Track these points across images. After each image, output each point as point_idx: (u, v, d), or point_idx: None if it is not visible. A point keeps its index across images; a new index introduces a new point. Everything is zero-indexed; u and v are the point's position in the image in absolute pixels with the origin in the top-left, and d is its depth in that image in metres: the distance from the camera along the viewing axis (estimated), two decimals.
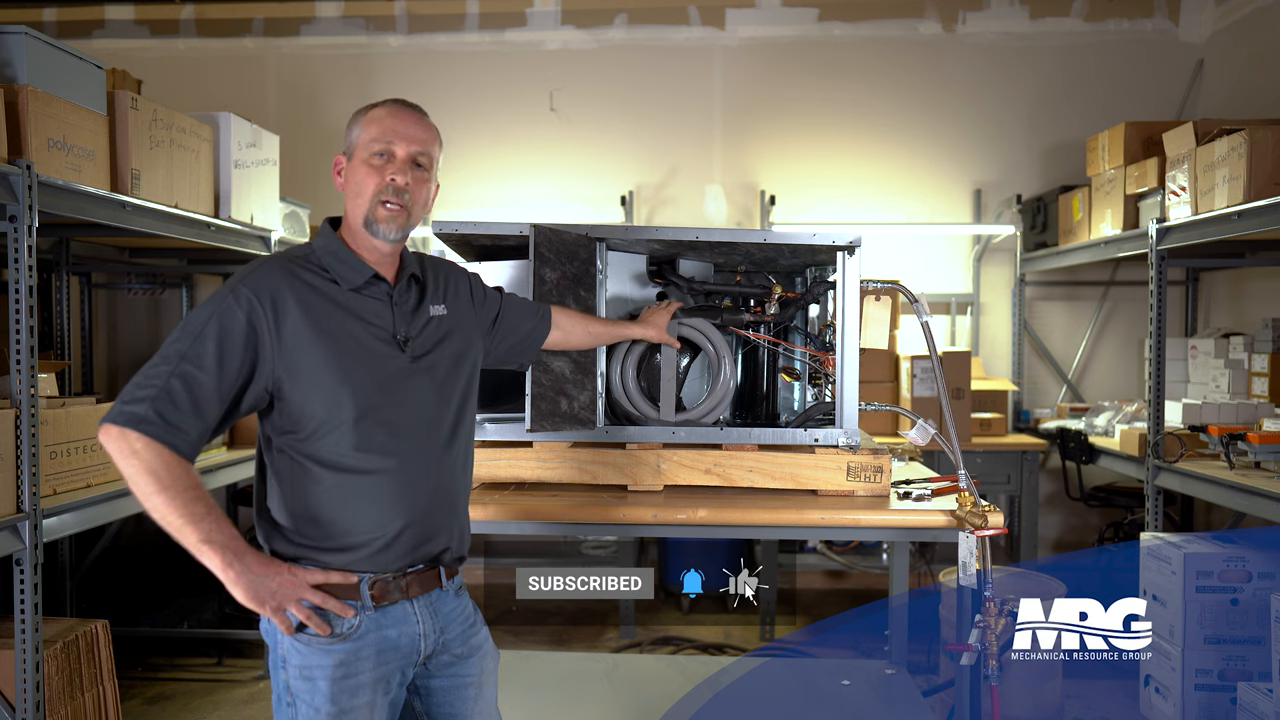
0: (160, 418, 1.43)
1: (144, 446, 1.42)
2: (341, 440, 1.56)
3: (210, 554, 1.46)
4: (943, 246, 5.33)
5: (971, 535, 2.03)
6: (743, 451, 2.31)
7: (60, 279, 4.30)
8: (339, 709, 1.54)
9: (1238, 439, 3.46)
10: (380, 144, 1.64)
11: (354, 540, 1.57)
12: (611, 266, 2.49)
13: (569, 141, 5.31)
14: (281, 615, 1.52)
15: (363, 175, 1.64)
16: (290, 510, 1.58)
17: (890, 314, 3.39)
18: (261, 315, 1.52)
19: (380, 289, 1.65)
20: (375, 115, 1.67)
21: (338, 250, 1.65)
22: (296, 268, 1.60)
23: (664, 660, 3.67)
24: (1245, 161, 3.20)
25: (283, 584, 1.51)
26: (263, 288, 1.54)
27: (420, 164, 1.67)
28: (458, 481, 1.73)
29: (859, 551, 4.92)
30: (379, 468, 1.58)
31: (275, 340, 1.53)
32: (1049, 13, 5.18)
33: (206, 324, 1.49)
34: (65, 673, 2.77)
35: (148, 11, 5.34)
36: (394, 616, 1.61)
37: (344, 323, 1.59)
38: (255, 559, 1.50)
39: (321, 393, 1.54)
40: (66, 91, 2.75)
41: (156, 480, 1.43)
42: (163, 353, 1.49)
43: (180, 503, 1.44)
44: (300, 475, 1.57)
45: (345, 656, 1.55)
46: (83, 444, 2.97)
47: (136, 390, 1.45)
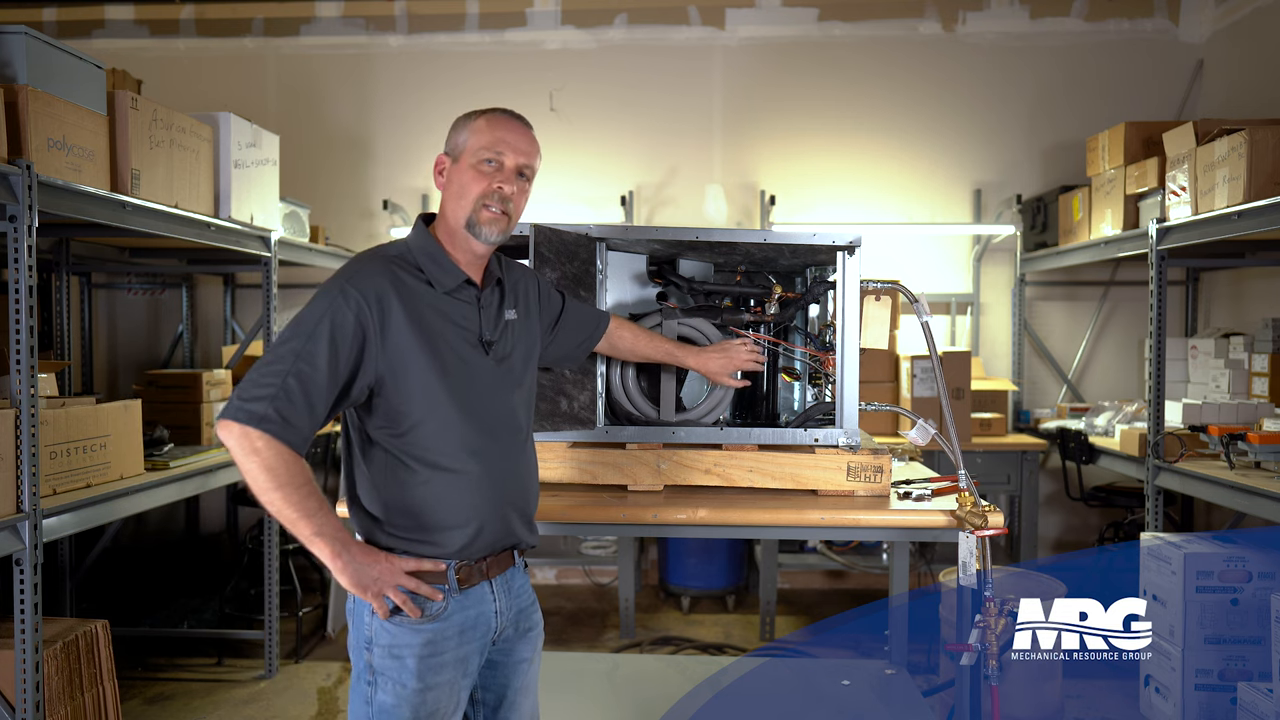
0: (280, 416, 1.50)
1: (265, 445, 1.50)
2: (436, 438, 1.64)
3: (321, 545, 1.56)
4: (943, 246, 5.33)
5: (971, 535, 2.03)
6: (743, 451, 2.31)
7: (60, 279, 4.30)
8: (424, 685, 1.63)
9: (1238, 439, 3.46)
10: (491, 152, 1.69)
11: (442, 536, 1.66)
12: (611, 266, 2.49)
13: (569, 141, 5.32)
14: (380, 600, 1.61)
15: (470, 179, 1.69)
16: (384, 501, 1.66)
17: (890, 314, 3.39)
18: (369, 315, 1.58)
19: (469, 293, 1.73)
20: (489, 121, 1.72)
21: (434, 252, 1.71)
22: (397, 268, 1.66)
23: (664, 660, 3.67)
24: (1245, 161, 3.20)
25: (382, 572, 1.60)
26: (369, 288, 1.60)
27: (524, 175, 1.74)
28: (532, 474, 1.83)
29: (859, 551, 4.92)
30: (468, 467, 1.67)
31: (380, 340, 1.60)
32: (1049, 13, 5.18)
33: (319, 323, 1.56)
34: (65, 673, 2.77)
35: (147, 11, 5.34)
36: (474, 597, 1.70)
37: (440, 326, 1.66)
38: (359, 550, 1.61)
39: (421, 392, 1.62)
40: (66, 91, 2.75)
41: (274, 477, 1.51)
42: (276, 351, 1.56)
43: (296, 498, 1.52)
44: (395, 468, 1.64)
45: (433, 636, 1.64)
46: (83, 444, 2.97)
47: (255, 388, 1.52)
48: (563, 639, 4.51)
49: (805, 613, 4.96)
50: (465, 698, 1.72)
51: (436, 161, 1.76)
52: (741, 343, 2.26)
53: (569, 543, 5.34)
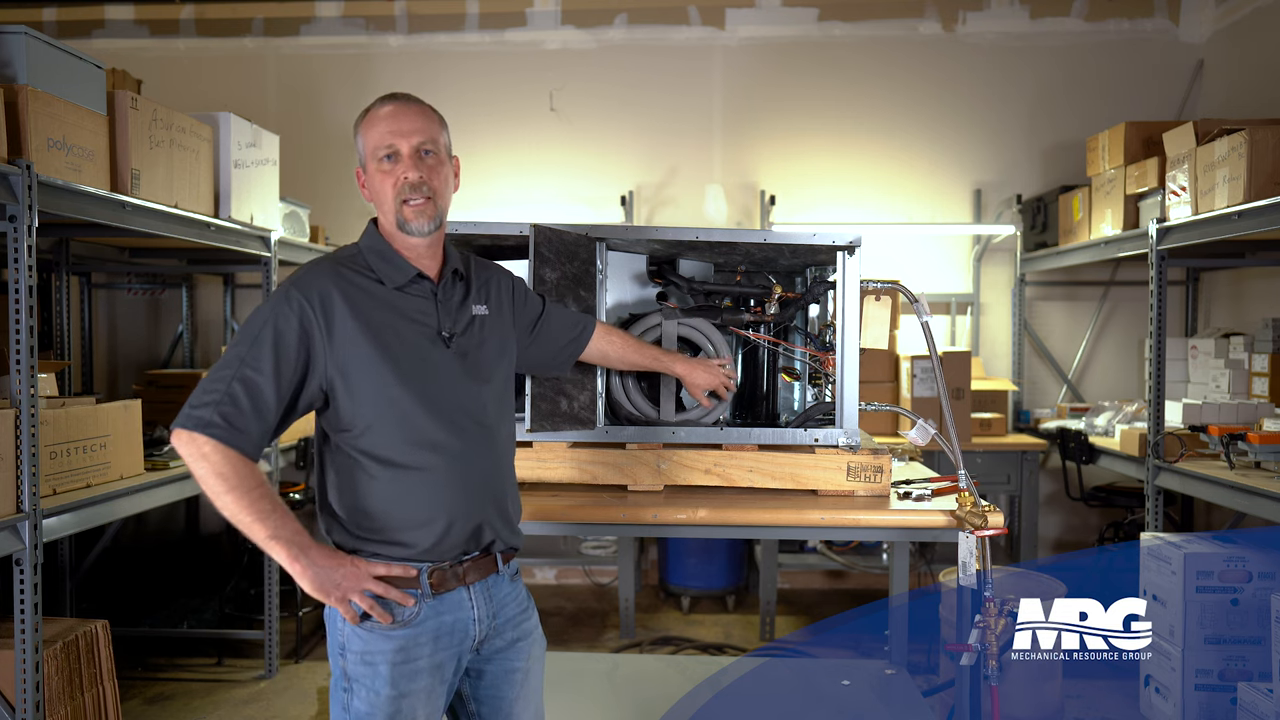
0: (225, 421, 1.51)
1: (212, 450, 1.50)
2: (392, 437, 1.61)
3: (278, 548, 1.53)
4: (943, 246, 5.33)
5: (971, 535, 2.03)
6: (743, 451, 2.31)
7: (60, 279, 4.30)
8: (398, 692, 1.60)
9: (1238, 439, 3.46)
10: (384, 147, 1.67)
11: (407, 535, 1.63)
12: (611, 266, 2.49)
13: (569, 141, 5.32)
14: (346, 605, 1.58)
15: (379, 181, 1.68)
16: (346, 504, 1.64)
17: (890, 314, 3.39)
18: (312, 317, 1.58)
19: (424, 286, 1.71)
20: (371, 120, 1.70)
21: (382, 249, 1.70)
22: (344, 269, 1.66)
23: (664, 660, 3.67)
24: (1245, 161, 3.20)
25: (346, 575, 1.57)
26: (312, 290, 1.60)
27: (428, 150, 1.69)
28: (504, 474, 1.78)
29: (859, 551, 4.92)
30: (428, 464, 1.63)
31: (327, 341, 1.59)
32: (1049, 13, 5.18)
33: (262, 328, 1.57)
34: (65, 673, 2.77)
35: (147, 11, 5.34)
36: (450, 603, 1.66)
37: (391, 321, 1.64)
38: (320, 552, 1.57)
39: (372, 391, 1.60)
40: (66, 91, 2.75)
41: (225, 481, 1.51)
42: (225, 357, 1.57)
43: (248, 501, 1.51)
44: (355, 470, 1.63)
45: (405, 642, 1.61)
46: (83, 444, 2.97)
47: (203, 395, 1.53)
48: (563, 639, 4.51)
49: (805, 613, 4.96)
50: (443, 705, 1.69)
51: (356, 175, 1.74)
52: (720, 364, 2.27)
53: (569, 543, 5.34)
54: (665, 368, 2.22)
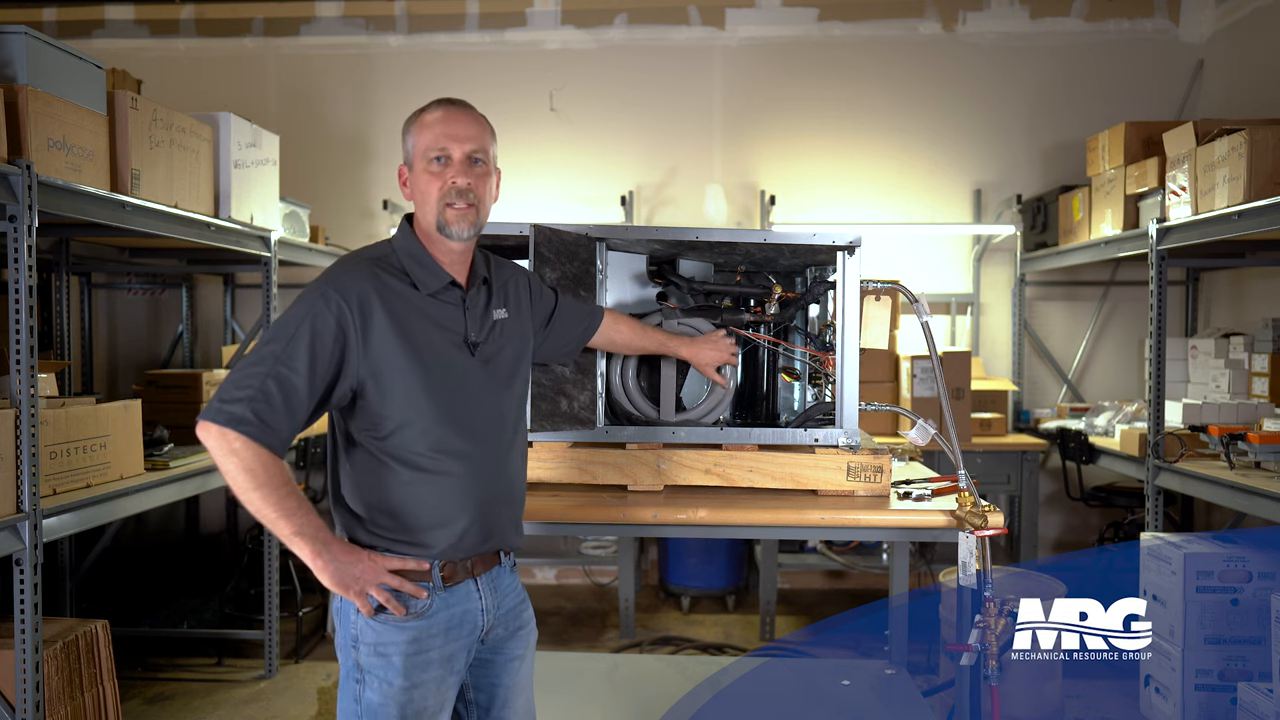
0: (257, 418, 1.51)
1: (243, 446, 1.51)
2: (419, 440, 1.64)
3: (301, 544, 1.56)
4: (943, 246, 5.33)
5: (971, 535, 2.03)
6: (743, 451, 2.31)
7: (60, 279, 4.30)
8: (410, 683, 1.64)
9: (1238, 439, 3.46)
10: (435, 149, 1.68)
11: (425, 536, 1.66)
12: (611, 266, 2.49)
13: (569, 141, 5.32)
14: (363, 599, 1.62)
15: (425, 182, 1.69)
16: (366, 501, 1.66)
17: (890, 314, 3.38)
18: (350, 319, 1.59)
19: (454, 294, 1.72)
20: (426, 121, 1.70)
21: (417, 253, 1.71)
22: (380, 271, 1.67)
23: (664, 660, 3.67)
24: (1245, 161, 3.20)
25: (364, 570, 1.61)
26: (350, 291, 1.60)
27: (478, 159, 1.71)
28: (518, 475, 1.83)
29: (859, 551, 4.92)
30: (451, 468, 1.67)
31: (362, 343, 1.60)
32: (1049, 13, 5.18)
33: (299, 327, 1.57)
34: (65, 673, 2.77)
35: (147, 11, 5.34)
36: (459, 595, 1.70)
37: (423, 328, 1.66)
38: (340, 548, 1.61)
39: (403, 395, 1.62)
40: (66, 91, 2.75)
41: (253, 478, 1.52)
42: (258, 353, 1.56)
43: (275, 498, 1.53)
44: (377, 469, 1.65)
45: (418, 634, 1.65)
46: (83, 444, 2.97)
47: (235, 390, 1.53)
48: (563, 639, 4.51)
49: (805, 613, 4.96)
50: (453, 695, 1.73)
51: (399, 172, 1.76)
52: (723, 334, 2.31)
53: (569, 543, 5.34)
54: (671, 351, 2.27)
